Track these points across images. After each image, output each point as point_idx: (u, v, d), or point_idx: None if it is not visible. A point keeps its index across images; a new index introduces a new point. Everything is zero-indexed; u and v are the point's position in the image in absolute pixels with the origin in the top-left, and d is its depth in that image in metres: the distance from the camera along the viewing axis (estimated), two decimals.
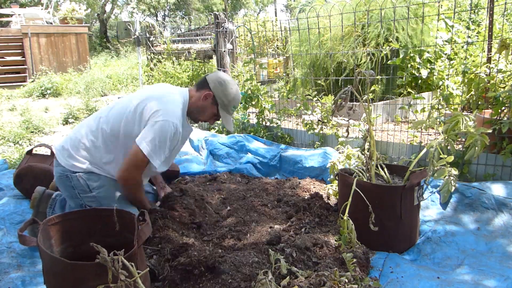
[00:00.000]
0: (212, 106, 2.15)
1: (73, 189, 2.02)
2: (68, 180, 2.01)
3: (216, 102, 2.14)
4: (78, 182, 2.00)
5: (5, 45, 10.01)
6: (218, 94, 2.12)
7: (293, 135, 3.85)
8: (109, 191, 2.04)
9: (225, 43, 4.62)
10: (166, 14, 26.82)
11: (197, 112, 2.19)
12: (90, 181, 2.01)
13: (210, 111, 2.18)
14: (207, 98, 2.13)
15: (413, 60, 3.19)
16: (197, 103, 2.15)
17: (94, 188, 2.01)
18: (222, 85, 2.12)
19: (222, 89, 2.12)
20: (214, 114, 2.19)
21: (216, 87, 2.12)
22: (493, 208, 2.19)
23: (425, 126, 2.77)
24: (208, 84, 2.14)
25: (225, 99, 2.14)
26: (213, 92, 2.12)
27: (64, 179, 2.02)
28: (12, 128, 4.88)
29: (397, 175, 2.27)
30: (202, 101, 2.14)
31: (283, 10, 28.09)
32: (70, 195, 2.05)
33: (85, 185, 2.01)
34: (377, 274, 1.80)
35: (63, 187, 2.06)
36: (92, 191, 2.01)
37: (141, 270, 1.34)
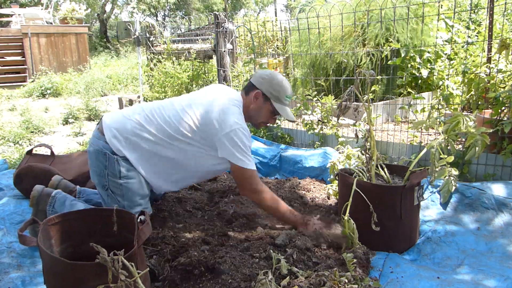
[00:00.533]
0: (266, 103, 2.12)
1: (105, 168, 1.99)
2: (104, 158, 1.98)
3: (267, 98, 2.10)
4: (113, 164, 1.97)
5: (5, 45, 10.01)
6: (266, 88, 2.08)
7: (293, 135, 3.85)
8: (136, 185, 2.01)
9: (225, 43, 4.62)
10: (166, 14, 26.82)
11: (255, 116, 2.16)
12: (124, 168, 1.98)
13: (266, 109, 2.14)
14: (258, 97, 2.11)
15: (413, 60, 3.19)
16: (251, 106, 2.12)
17: (124, 176, 1.99)
18: (265, 79, 2.09)
19: (267, 82, 2.09)
20: (270, 110, 2.14)
21: (261, 83, 2.09)
22: (493, 208, 2.19)
23: (425, 126, 2.77)
24: (253, 85, 2.12)
25: (274, 91, 2.09)
26: (260, 89, 2.09)
27: (101, 155, 1.99)
28: (12, 128, 4.88)
29: (397, 175, 2.27)
30: (254, 103, 2.12)
31: (283, 10, 28.10)
32: (99, 171, 2.02)
33: (118, 171, 1.98)
34: (377, 274, 1.80)
35: (95, 161, 2.02)
36: (122, 178, 1.98)
37: (141, 270, 1.34)
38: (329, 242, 1.91)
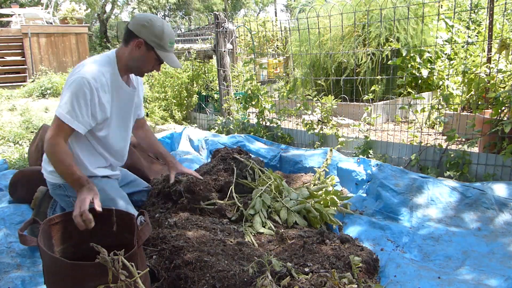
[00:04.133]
0: (149, 52, 1.96)
1: (68, 197, 1.98)
2: (61, 190, 1.98)
3: (151, 46, 1.95)
4: (72, 190, 1.90)
5: (5, 45, 10.00)
6: (148, 36, 1.92)
7: (293, 135, 3.85)
8: (104, 194, 1.96)
9: (225, 43, 4.62)
10: (166, 14, 26.82)
11: (138, 65, 2.01)
12: None
13: (150, 58, 1.98)
14: (140, 46, 1.95)
15: (413, 60, 3.19)
16: (132, 55, 1.97)
17: None
18: (146, 27, 1.92)
19: (148, 30, 1.92)
20: (155, 58, 1.99)
21: (142, 32, 1.92)
22: (494, 208, 2.19)
23: (425, 126, 2.77)
24: (133, 33, 1.94)
25: (157, 39, 1.93)
26: (142, 37, 1.93)
27: (57, 189, 1.99)
28: (12, 128, 4.88)
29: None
30: (136, 52, 1.96)
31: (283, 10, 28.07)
32: (67, 204, 2.01)
33: None
34: (378, 274, 1.80)
35: (58, 198, 2.04)
36: None
37: (141, 271, 1.34)
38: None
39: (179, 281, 1.62)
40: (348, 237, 2.07)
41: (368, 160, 2.90)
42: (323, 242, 1.95)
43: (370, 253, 1.90)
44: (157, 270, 1.70)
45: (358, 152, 3.28)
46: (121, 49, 2.00)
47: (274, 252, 1.90)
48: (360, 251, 1.90)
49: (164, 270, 1.70)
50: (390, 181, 2.54)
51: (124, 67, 2.01)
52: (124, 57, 1.98)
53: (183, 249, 1.77)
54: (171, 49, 2.01)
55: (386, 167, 2.70)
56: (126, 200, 2.06)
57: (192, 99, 5.35)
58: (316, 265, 1.74)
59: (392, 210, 2.40)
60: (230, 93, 4.70)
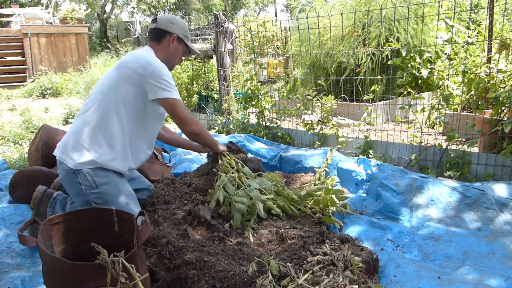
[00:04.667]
0: (180, 44, 2.30)
1: (80, 185, 2.00)
2: (75, 176, 2.00)
3: (181, 39, 2.29)
4: (85, 178, 2.00)
5: (5, 45, 10.01)
6: (179, 31, 2.26)
7: (293, 135, 3.85)
8: (116, 188, 2.04)
9: (225, 43, 4.61)
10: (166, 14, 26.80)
11: (172, 59, 2.32)
12: (97, 177, 2.01)
13: (181, 50, 2.33)
14: (173, 41, 2.26)
15: (413, 60, 3.19)
16: (167, 51, 2.27)
17: (101, 184, 2.01)
18: (175, 23, 2.26)
19: (177, 25, 2.26)
20: (184, 50, 2.34)
21: (173, 27, 2.25)
22: (494, 209, 2.19)
23: (425, 126, 2.77)
24: (166, 31, 2.24)
25: (184, 32, 2.30)
26: (175, 33, 2.25)
27: (71, 175, 2.01)
28: (12, 128, 4.88)
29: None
30: (171, 47, 2.27)
31: (283, 10, 28.05)
32: (76, 191, 2.03)
33: (92, 181, 2.00)
34: (378, 274, 1.80)
35: (69, 184, 2.05)
36: (99, 187, 2.01)
37: (141, 271, 1.34)
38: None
39: (179, 281, 1.62)
40: (348, 237, 2.07)
41: (368, 160, 2.90)
42: (323, 242, 1.95)
43: (370, 253, 1.90)
44: (157, 270, 1.70)
45: (358, 152, 3.28)
46: (154, 48, 2.25)
47: (274, 252, 1.90)
48: (360, 251, 1.90)
49: (164, 270, 1.70)
50: (390, 181, 2.54)
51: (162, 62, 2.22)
52: (159, 55, 2.22)
53: (183, 249, 1.77)
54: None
55: (386, 167, 2.70)
56: (133, 198, 2.13)
57: (192, 99, 5.34)
58: (316, 265, 1.74)
59: (392, 210, 2.40)
60: (230, 93, 4.70)
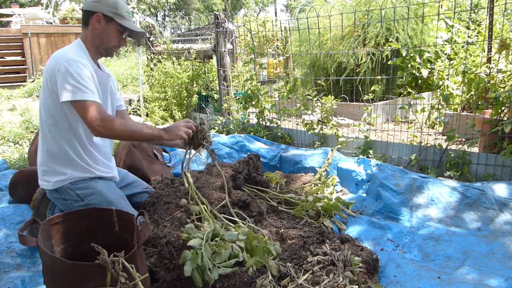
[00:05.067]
0: (110, 23, 1.95)
1: (65, 200, 1.97)
2: (58, 194, 1.97)
3: (110, 18, 1.94)
4: (67, 193, 1.95)
5: (5, 45, 10.00)
6: (104, 8, 1.93)
7: (293, 135, 3.85)
8: (100, 197, 1.97)
9: (225, 43, 4.61)
10: (166, 14, 26.82)
11: (103, 42, 1.98)
12: (79, 190, 1.96)
13: (113, 30, 1.97)
14: (99, 20, 1.93)
15: (413, 60, 3.19)
16: (95, 33, 1.95)
17: (85, 196, 1.96)
18: (100, 1, 1.93)
19: (103, 2, 1.93)
20: (118, 30, 1.98)
21: (98, 6, 1.93)
22: (494, 209, 2.19)
23: (425, 126, 2.77)
24: (89, 11, 1.94)
25: (113, 8, 1.94)
26: (99, 11, 1.93)
27: (55, 193, 1.98)
28: (12, 128, 4.89)
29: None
30: (98, 28, 1.94)
31: (283, 10, 28.06)
32: (65, 207, 2.00)
33: (75, 195, 1.96)
34: (378, 274, 1.80)
35: (56, 201, 2.03)
36: (84, 199, 1.96)
37: (141, 271, 1.33)
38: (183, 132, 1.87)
39: (179, 281, 1.62)
40: (348, 237, 2.07)
41: (368, 160, 2.90)
42: (323, 242, 1.95)
43: (370, 253, 1.90)
44: (157, 270, 1.70)
45: (358, 152, 3.28)
46: (83, 33, 1.98)
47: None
48: (360, 251, 1.90)
49: (164, 270, 1.70)
50: (390, 181, 2.54)
51: (93, 51, 1.99)
52: (88, 40, 1.96)
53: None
54: (130, 18, 2.00)
55: (386, 167, 2.70)
56: (124, 201, 2.06)
57: (192, 99, 5.34)
58: (316, 265, 1.74)
59: (392, 210, 2.40)
60: (230, 93, 4.70)
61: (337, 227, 2.32)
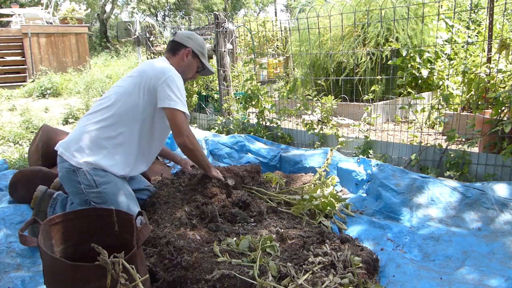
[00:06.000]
0: (194, 59, 2.36)
1: (79, 184, 2.00)
2: (75, 175, 2.00)
3: (196, 55, 2.35)
4: (85, 177, 1.99)
5: (5, 45, 10.00)
6: (194, 47, 2.33)
7: (293, 135, 3.85)
8: (115, 188, 2.04)
9: (225, 43, 4.61)
10: (166, 14, 26.81)
11: (185, 72, 2.35)
12: (97, 176, 2.01)
13: (195, 65, 2.38)
14: (188, 55, 2.33)
15: (413, 60, 3.19)
16: (181, 63, 2.32)
17: (100, 183, 2.01)
18: (192, 39, 2.34)
19: (194, 41, 2.34)
20: (198, 66, 2.40)
21: (190, 42, 2.32)
22: (494, 209, 2.19)
23: (425, 126, 2.77)
24: (182, 44, 2.32)
25: (200, 48, 2.36)
26: (190, 47, 2.32)
27: (71, 174, 2.00)
28: (12, 128, 4.88)
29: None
30: (185, 60, 2.33)
31: (283, 10, 28.05)
32: (76, 190, 2.02)
33: (92, 180, 2.00)
34: (378, 274, 1.80)
35: (68, 182, 2.04)
36: (98, 186, 2.00)
37: (141, 272, 1.33)
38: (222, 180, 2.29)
39: (179, 281, 1.62)
40: (348, 237, 2.07)
41: (368, 160, 2.90)
42: (323, 242, 1.95)
43: (370, 253, 1.90)
44: (157, 270, 1.70)
45: (358, 152, 3.28)
46: (169, 59, 2.32)
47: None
48: (360, 251, 1.90)
49: (164, 270, 1.70)
50: (390, 181, 2.54)
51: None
52: (174, 66, 2.26)
53: (183, 249, 1.77)
54: (207, 57, 2.44)
55: (386, 167, 2.70)
56: (132, 198, 2.13)
57: (192, 99, 5.34)
58: (316, 265, 1.74)
59: (392, 210, 2.40)
60: (230, 93, 4.70)
61: (337, 227, 2.32)
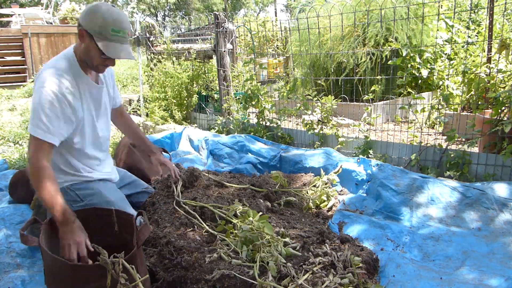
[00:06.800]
0: (91, 42, 1.75)
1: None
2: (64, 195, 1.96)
3: (91, 35, 1.74)
4: (67, 194, 1.92)
5: (5, 45, 10.00)
6: (88, 25, 1.73)
7: (293, 135, 3.85)
8: (101, 197, 1.96)
9: (225, 43, 4.61)
10: (166, 14, 26.82)
11: (87, 59, 1.83)
12: (79, 190, 1.95)
13: (93, 50, 1.77)
14: (82, 36, 1.76)
15: (413, 60, 3.19)
16: (80, 49, 1.82)
17: (85, 196, 1.95)
18: (89, 14, 1.74)
19: (89, 16, 1.73)
20: (97, 50, 1.76)
21: (84, 19, 1.74)
22: (494, 209, 2.19)
23: (425, 126, 2.77)
24: (78, 24, 1.77)
25: (95, 26, 1.72)
26: (83, 26, 1.74)
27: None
28: (12, 128, 4.88)
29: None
30: (82, 44, 1.79)
31: (283, 10, 28.06)
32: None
33: (75, 196, 1.95)
34: (378, 274, 1.80)
35: None
36: (83, 200, 1.95)
37: (141, 272, 1.33)
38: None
39: (179, 281, 1.62)
40: (348, 237, 2.07)
41: (368, 160, 2.90)
42: (323, 242, 1.95)
43: (370, 253, 1.90)
44: (157, 270, 1.70)
45: (358, 152, 3.28)
46: (77, 43, 1.86)
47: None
48: (360, 251, 1.90)
49: (164, 270, 1.70)
50: (390, 181, 2.54)
51: (84, 64, 1.87)
52: (78, 52, 1.85)
53: (183, 249, 1.77)
54: (116, 38, 1.75)
55: (386, 167, 2.70)
56: (124, 202, 2.06)
57: (192, 99, 5.34)
58: (316, 265, 1.74)
59: (392, 209, 2.40)
60: (230, 93, 4.70)
61: (337, 227, 2.32)
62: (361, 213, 2.49)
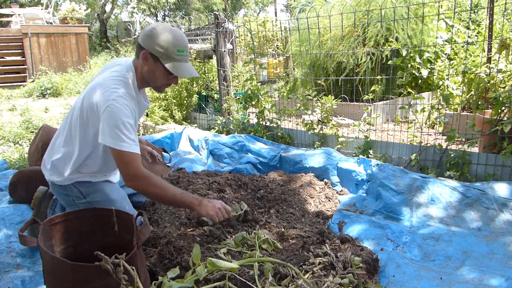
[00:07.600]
0: (156, 63, 1.81)
1: (68, 196, 1.98)
2: (62, 189, 1.97)
3: (156, 57, 1.79)
4: (71, 190, 1.96)
5: (5, 45, 10.00)
6: (152, 47, 1.77)
7: (293, 135, 3.85)
8: (104, 195, 1.98)
9: (225, 43, 4.61)
10: (166, 14, 26.81)
11: (151, 80, 1.89)
12: (83, 187, 1.97)
13: (159, 70, 1.83)
14: (147, 58, 1.81)
15: (413, 60, 3.19)
16: (143, 70, 1.86)
17: (88, 193, 1.97)
18: (151, 36, 1.77)
19: (151, 39, 1.77)
20: (163, 70, 1.83)
21: (146, 42, 1.78)
22: (494, 209, 2.19)
23: (425, 126, 2.77)
24: (140, 45, 1.81)
25: (161, 48, 1.77)
26: (147, 48, 1.78)
27: (58, 188, 1.98)
28: (12, 128, 4.88)
29: None
30: (146, 65, 1.84)
31: (283, 10, 28.05)
32: (66, 202, 2.01)
33: (79, 192, 1.96)
34: (378, 274, 1.80)
35: (58, 195, 2.03)
36: (87, 197, 1.96)
37: (141, 272, 1.33)
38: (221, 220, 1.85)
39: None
40: (348, 237, 2.07)
41: (368, 160, 2.90)
42: (323, 242, 1.95)
43: (370, 253, 1.90)
44: (157, 270, 1.70)
45: (358, 152, 3.28)
46: (136, 62, 1.90)
47: (274, 252, 1.90)
48: (360, 251, 1.90)
49: (164, 270, 1.70)
50: (390, 181, 2.54)
51: (141, 81, 1.92)
52: (139, 72, 1.89)
53: (183, 249, 1.77)
54: (181, 58, 1.82)
55: (387, 167, 2.70)
56: (126, 200, 2.07)
57: (192, 99, 5.35)
58: (316, 266, 1.74)
59: (392, 209, 2.40)
60: (230, 93, 4.70)
61: (337, 227, 2.32)
62: (361, 213, 2.49)
